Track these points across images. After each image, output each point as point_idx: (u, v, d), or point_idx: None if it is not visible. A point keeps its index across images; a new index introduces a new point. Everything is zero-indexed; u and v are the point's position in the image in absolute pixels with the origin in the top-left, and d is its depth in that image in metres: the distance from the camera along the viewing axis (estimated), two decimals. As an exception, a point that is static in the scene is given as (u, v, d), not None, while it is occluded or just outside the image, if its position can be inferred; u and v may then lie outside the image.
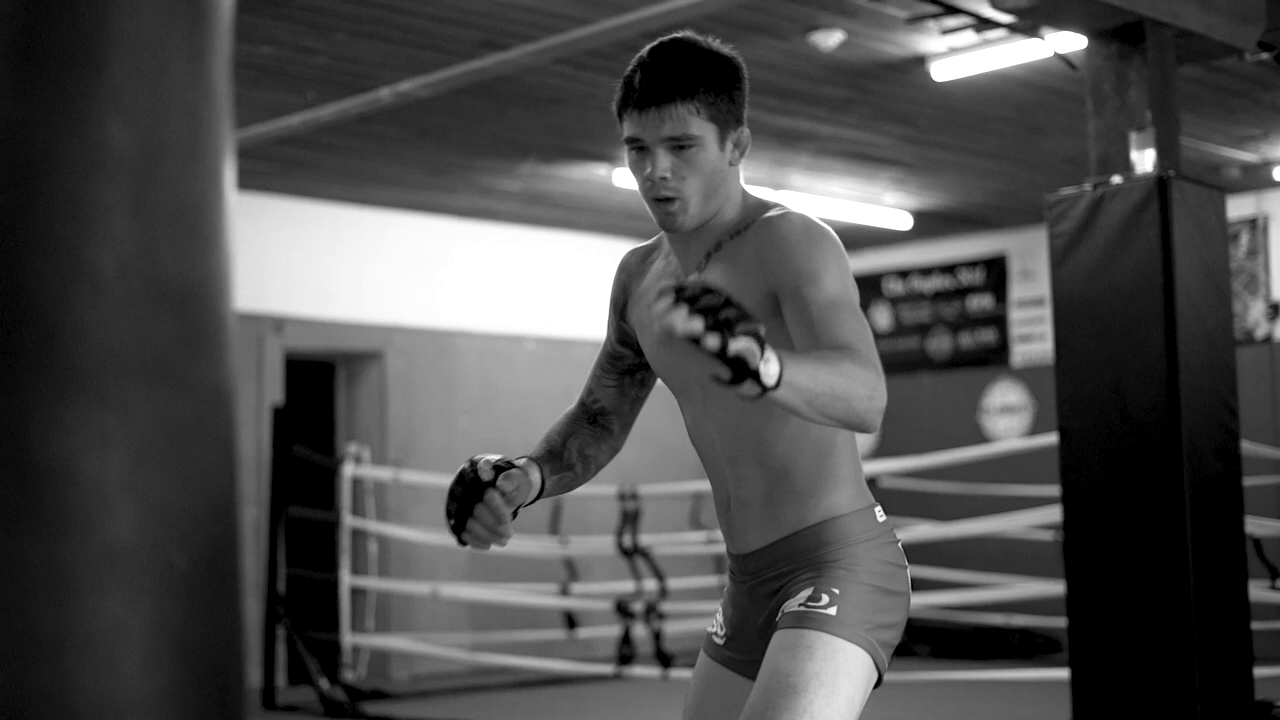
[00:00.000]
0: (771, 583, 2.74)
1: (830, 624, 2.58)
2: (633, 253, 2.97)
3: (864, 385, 2.38)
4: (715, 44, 2.70)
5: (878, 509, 2.78)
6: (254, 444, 10.10)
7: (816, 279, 2.54)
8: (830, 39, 7.27)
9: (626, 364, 2.95)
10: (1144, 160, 5.80)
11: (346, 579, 10.00)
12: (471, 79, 7.60)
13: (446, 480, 9.62)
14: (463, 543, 2.69)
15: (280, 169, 9.80)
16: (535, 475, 2.76)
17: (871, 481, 11.37)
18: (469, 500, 2.66)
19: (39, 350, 1.22)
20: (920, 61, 7.77)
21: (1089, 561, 5.68)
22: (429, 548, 10.53)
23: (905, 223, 11.71)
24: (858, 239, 12.47)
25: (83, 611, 1.20)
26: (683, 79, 2.61)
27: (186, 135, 1.29)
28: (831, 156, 9.72)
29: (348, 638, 9.93)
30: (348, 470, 10.00)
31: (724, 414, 2.72)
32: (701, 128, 2.61)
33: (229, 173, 1.35)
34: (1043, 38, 6.83)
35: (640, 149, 2.65)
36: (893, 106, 8.60)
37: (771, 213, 2.68)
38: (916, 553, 11.35)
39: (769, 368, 2.16)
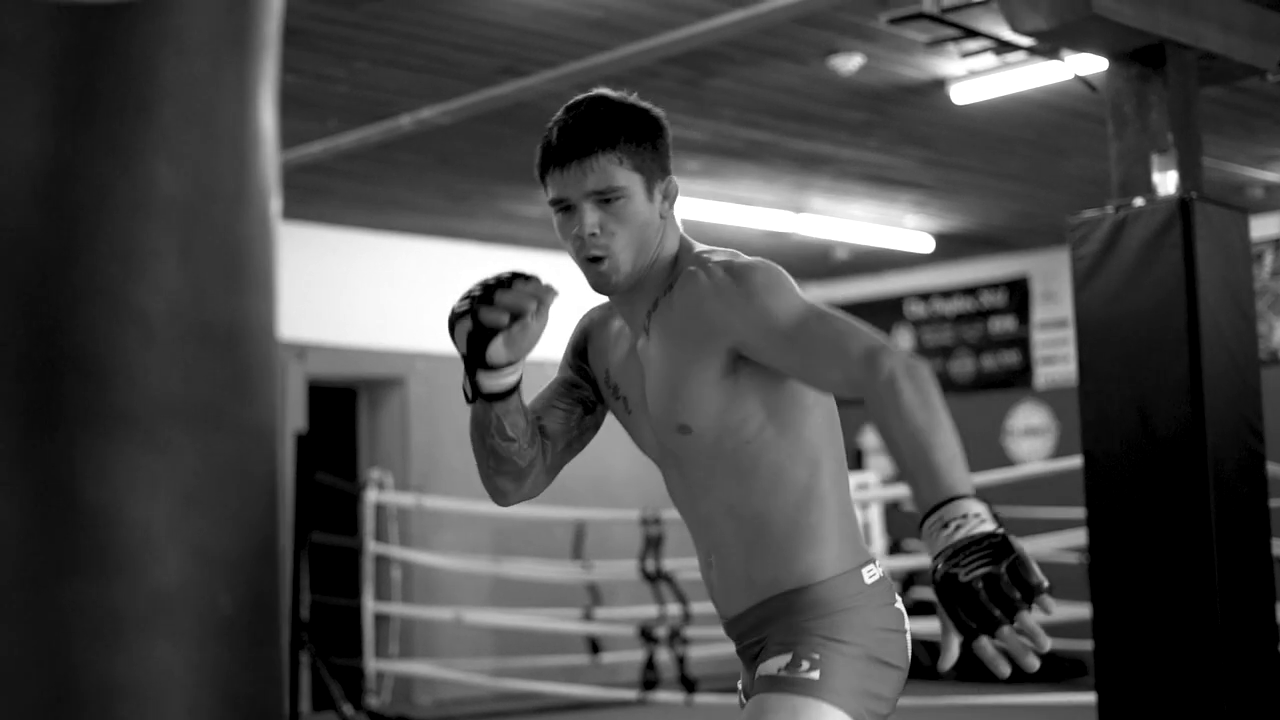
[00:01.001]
0: (753, 648, 2.60)
1: (814, 688, 2.42)
2: (597, 307, 2.87)
3: (914, 384, 2.29)
4: (634, 98, 2.61)
5: (868, 569, 2.58)
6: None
7: (769, 318, 2.45)
8: (850, 63, 7.27)
9: (582, 394, 2.80)
10: (1166, 182, 5.79)
11: (370, 605, 10.00)
12: (491, 106, 7.62)
13: (469, 506, 9.53)
14: (472, 316, 2.49)
15: (302, 196, 9.82)
16: (521, 369, 2.58)
17: (895, 505, 11.38)
18: (495, 288, 2.50)
19: (87, 393, 1.22)
20: (940, 85, 7.77)
21: (1115, 585, 5.65)
22: (452, 573, 10.53)
23: (927, 245, 11.70)
24: (879, 262, 12.47)
25: (129, 657, 1.20)
26: (602, 130, 2.53)
27: (235, 178, 1.30)
28: (852, 180, 9.72)
29: (371, 663, 9.93)
30: (370, 496, 10.00)
31: (697, 474, 2.60)
32: (626, 178, 2.53)
33: (276, 215, 1.35)
34: (1063, 60, 6.82)
35: (566, 209, 2.57)
36: (913, 129, 8.60)
37: (691, 267, 2.57)
38: (941, 576, 11.27)
39: (988, 521, 2.15)
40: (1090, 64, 6.68)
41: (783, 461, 2.55)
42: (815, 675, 2.43)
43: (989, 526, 2.13)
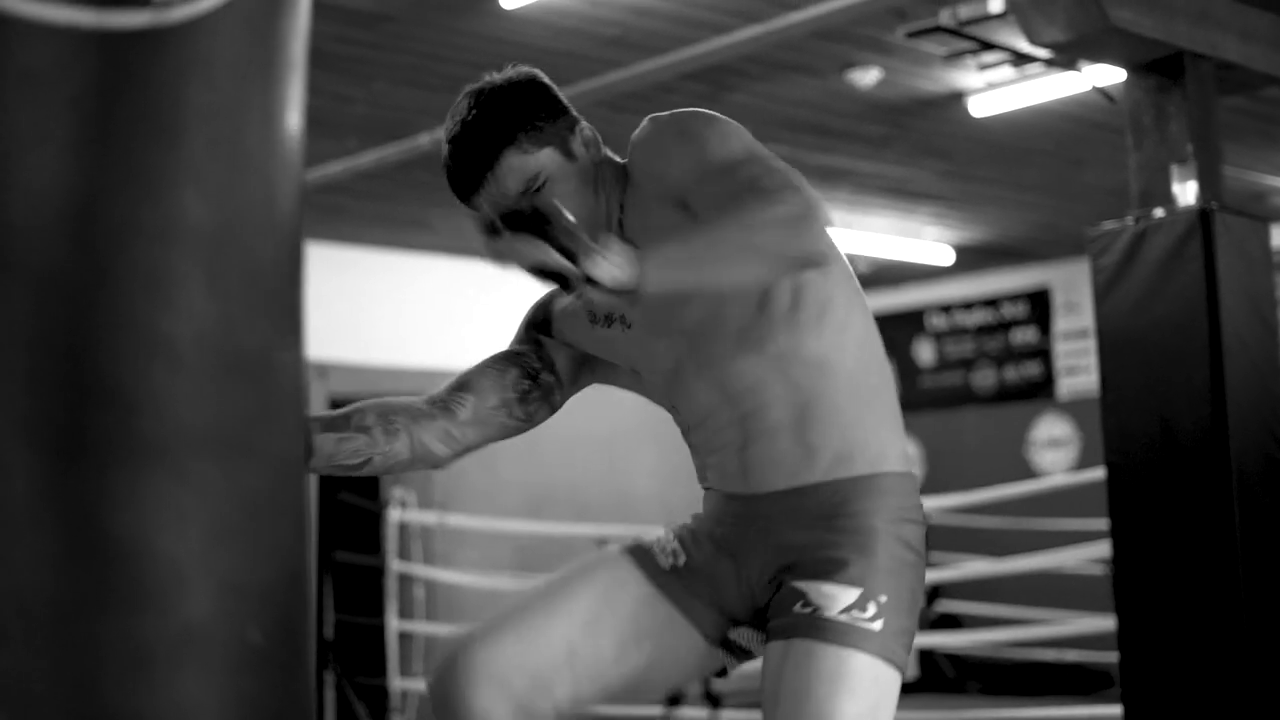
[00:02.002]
0: (797, 533, 2.35)
1: (875, 643, 2.26)
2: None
3: (770, 215, 2.17)
4: (503, 75, 2.47)
5: (916, 478, 2.44)
6: (300, 490, 10.10)
7: (695, 165, 2.34)
8: (867, 77, 7.27)
9: (522, 360, 2.63)
10: (1186, 193, 5.77)
11: (394, 623, 9.99)
12: (510, 124, 7.63)
13: (491, 524, 9.54)
14: None
15: (321, 216, 9.84)
16: None
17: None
18: None
19: (115, 425, 1.21)
20: (958, 97, 7.76)
21: (1139, 596, 5.63)
22: (476, 591, 10.53)
23: (947, 257, 11.69)
24: (899, 274, 12.45)
25: (159, 692, 1.19)
26: (492, 133, 2.41)
27: (262, 204, 1.29)
28: (871, 193, 9.71)
29: (396, 682, 9.92)
30: (393, 515, 10.00)
31: (729, 338, 2.38)
32: (540, 161, 2.41)
33: (302, 240, 1.35)
34: (1081, 72, 6.81)
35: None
36: (931, 142, 8.59)
37: (632, 144, 2.46)
38: (966, 589, 11.30)
39: (610, 269, 2.13)
40: (1108, 75, 6.67)
41: (831, 296, 2.39)
42: (878, 625, 2.27)
43: (612, 270, 2.15)
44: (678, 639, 2.46)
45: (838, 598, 2.29)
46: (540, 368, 2.65)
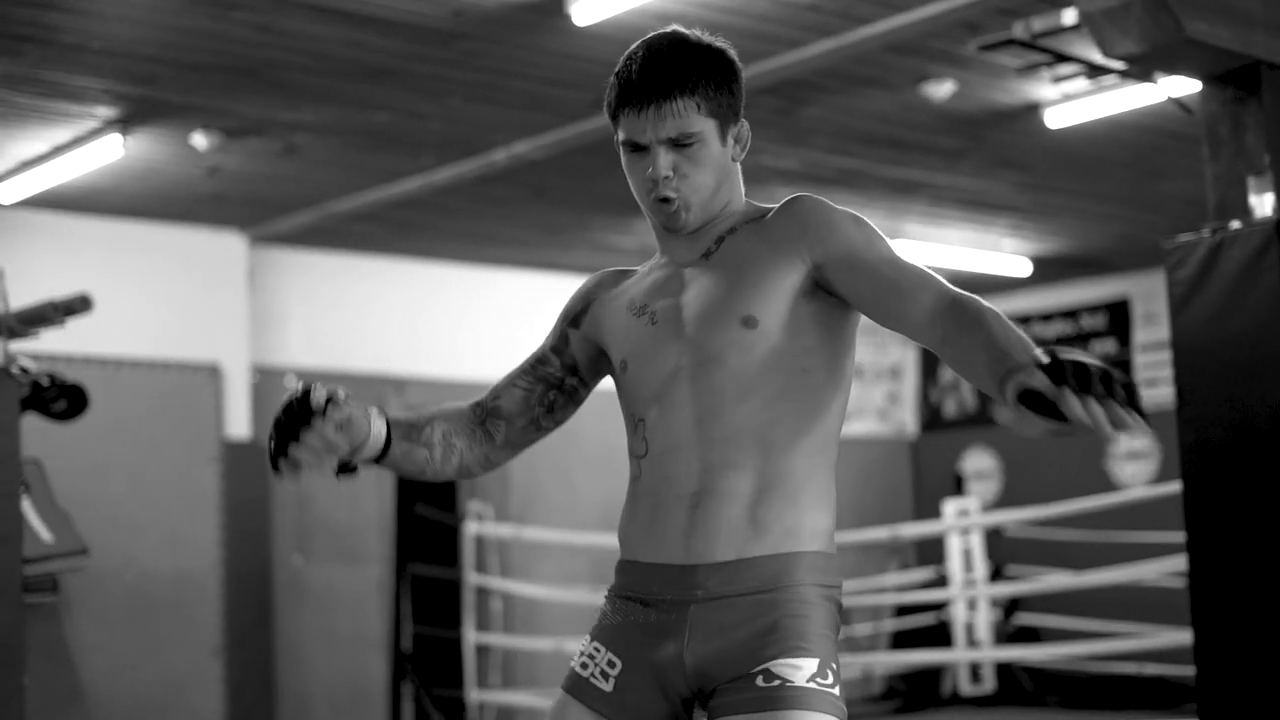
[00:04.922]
0: (740, 609, 2.40)
1: (835, 707, 2.36)
2: (608, 270, 2.78)
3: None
4: (709, 37, 2.55)
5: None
6: (376, 503, 10.19)
7: (871, 245, 2.45)
8: (942, 89, 7.26)
9: (546, 371, 2.73)
10: (1263, 204, 5.72)
11: (471, 636, 10.05)
12: (584, 139, 7.68)
13: (569, 537, 9.62)
14: (278, 470, 2.41)
15: (398, 231, 9.92)
16: (379, 426, 2.51)
17: (996, 531, 11.29)
18: (294, 426, 2.39)
19: None
20: (1034, 109, 7.73)
21: (1216, 610, 5.59)
22: (553, 604, 10.57)
23: (1024, 269, 11.62)
24: (977, 286, 12.37)
25: None
26: (681, 73, 2.46)
27: None
28: (947, 205, 9.69)
29: (473, 694, 9.98)
30: (471, 528, 10.06)
31: (735, 383, 2.45)
32: (703, 124, 2.47)
33: None
34: (1156, 83, 6.77)
35: (637, 149, 2.51)
36: (1007, 154, 8.56)
37: (789, 199, 2.54)
38: (1045, 602, 11.22)
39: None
40: (1184, 85, 6.62)
41: (823, 406, 2.47)
42: (837, 690, 2.36)
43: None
44: None
45: (802, 668, 2.35)
46: (563, 375, 2.74)
